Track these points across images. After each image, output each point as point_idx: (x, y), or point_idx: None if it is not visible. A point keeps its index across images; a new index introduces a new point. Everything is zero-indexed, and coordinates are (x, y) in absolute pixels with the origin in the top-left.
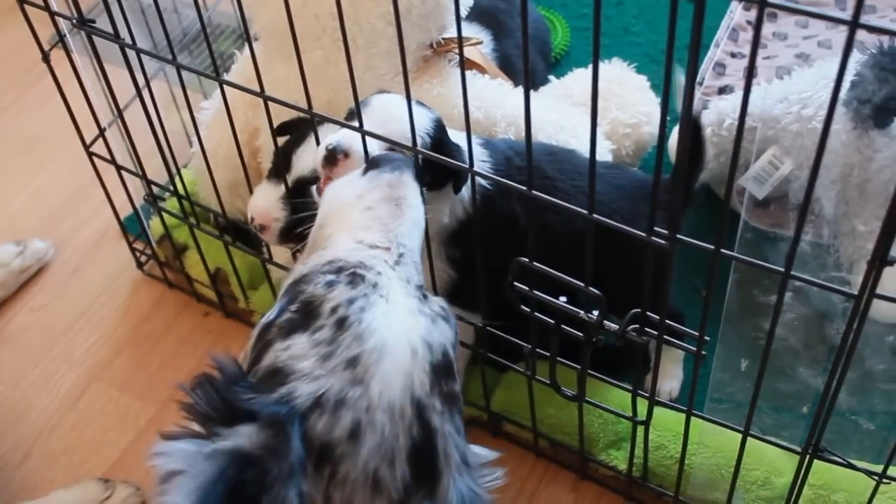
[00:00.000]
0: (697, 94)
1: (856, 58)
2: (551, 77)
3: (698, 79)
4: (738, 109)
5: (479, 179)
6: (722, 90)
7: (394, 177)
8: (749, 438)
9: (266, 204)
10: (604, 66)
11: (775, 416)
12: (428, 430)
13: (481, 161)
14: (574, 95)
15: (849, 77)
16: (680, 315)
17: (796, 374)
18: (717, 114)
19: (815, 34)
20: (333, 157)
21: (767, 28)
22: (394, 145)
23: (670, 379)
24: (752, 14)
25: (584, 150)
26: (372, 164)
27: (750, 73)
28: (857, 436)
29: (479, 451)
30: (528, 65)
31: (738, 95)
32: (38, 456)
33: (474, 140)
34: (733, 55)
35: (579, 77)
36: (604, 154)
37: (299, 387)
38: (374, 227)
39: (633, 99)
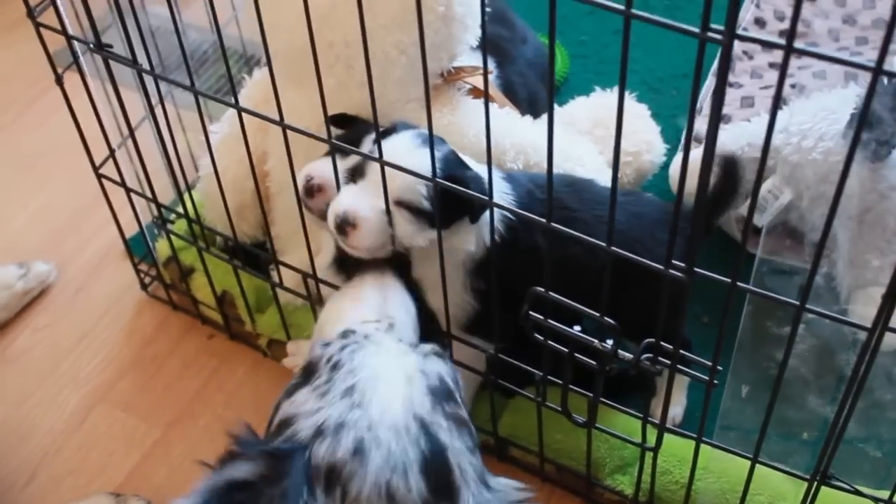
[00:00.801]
0: (697, 123)
1: (855, 91)
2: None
3: (696, 107)
4: (737, 139)
5: (503, 212)
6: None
7: (376, 273)
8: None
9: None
10: (604, 95)
11: (783, 443)
12: (437, 444)
13: (504, 194)
14: (577, 123)
15: (849, 109)
16: (688, 343)
17: (805, 403)
18: (717, 143)
19: (808, 65)
20: (343, 228)
21: (763, 58)
22: (412, 174)
23: (674, 405)
24: (748, 45)
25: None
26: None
27: (775, 106)
28: (863, 463)
29: (506, 482)
30: (553, 103)
31: (735, 125)
32: (44, 477)
33: (497, 174)
34: (730, 85)
35: (581, 105)
36: (606, 182)
37: (301, 424)
38: (363, 308)
39: (634, 127)
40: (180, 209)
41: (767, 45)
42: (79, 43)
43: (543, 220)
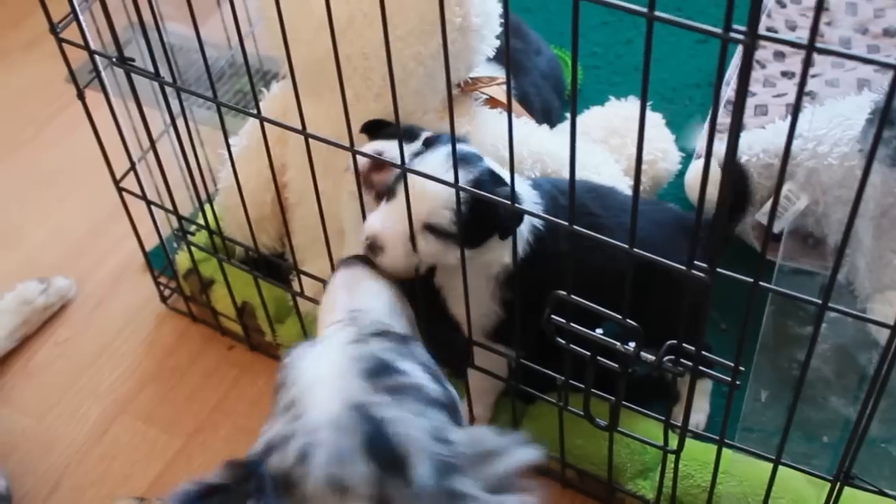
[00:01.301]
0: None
1: (869, 98)
2: (567, 115)
3: (710, 116)
4: (752, 146)
5: (533, 221)
6: None
7: (345, 271)
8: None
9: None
10: (619, 104)
11: (805, 445)
12: (374, 421)
13: (534, 203)
14: (591, 132)
15: (863, 115)
16: (708, 346)
17: (827, 404)
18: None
19: (821, 72)
20: (372, 249)
21: (776, 67)
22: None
23: (697, 412)
24: (760, 54)
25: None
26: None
27: (795, 113)
28: (886, 464)
29: (475, 433)
30: (576, 102)
31: (750, 132)
32: (66, 488)
33: (524, 182)
34: None
35: (596, 114)
36: (625, 191)
37: (259, 444)
38: (333, 314)
39: (650, 136)
40: (200, 221)
41: (789, 45)
42: (100, 58)
43: (566, 223)
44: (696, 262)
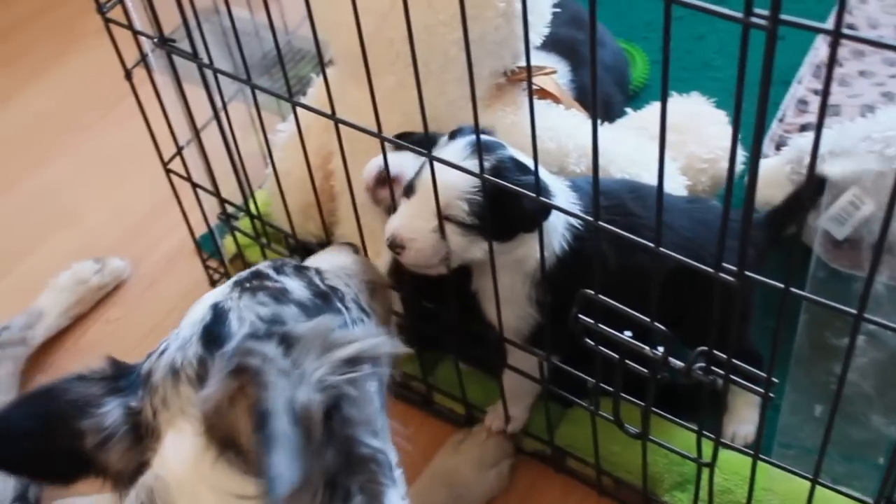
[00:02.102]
0: (779, 130)
1: None
2: (628, 109)
3: (779, 115)
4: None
5: (570, 220)
6: (804, 127)
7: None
8: (818, 487)
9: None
10: (681, 100)
11: (847, 464)
12: (217, 312)
13: (572, 204)
14: (650, 128)
15: None
16: (759, 357)
17: (869, 422)
18: (796, 151)
19: None
20: (393, 248)
21: (853, 66)
22: (463, 171)
23: (746, 423)
24: (838, 51)
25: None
26: None
27: (822, 109)
28: None
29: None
30: (596, 96)
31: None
32: None
33: (562, 182)
34: (816, 92)
35: (657, 110)
36: (679, 190)
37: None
38: None
39: (711, 133)
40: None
41: (813, 31)
42: (147, 40)
43: (591, 219)
44: (724, 264)
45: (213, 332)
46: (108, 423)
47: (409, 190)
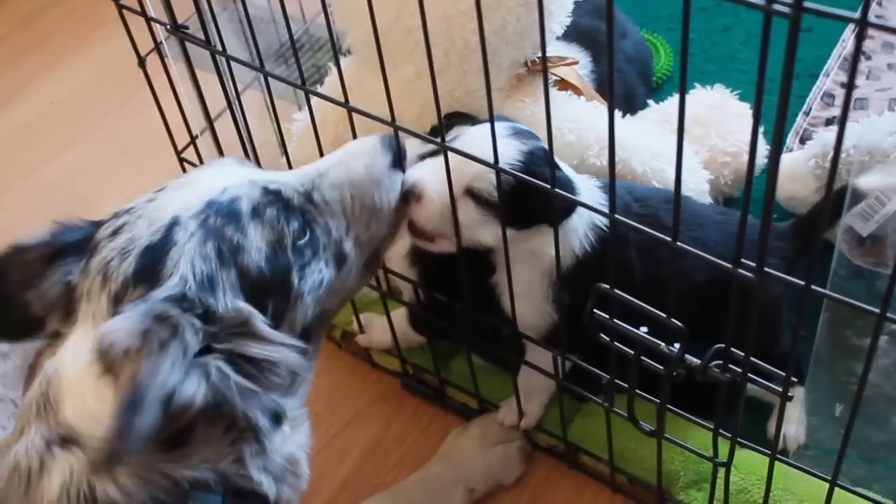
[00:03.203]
0: (805, 123)
1: None
2: (650, 102)
3: (805, 108)
4: (844, 141)
5: (596, 219)
6: (829, 121)
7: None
8: (837, 489)
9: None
10: (704, 92)
11: (867, 466)
12: (165, 238)
13: (601, 205)
14: (673, 121)
15: None
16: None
17: (889, 424)
18: (821, 145)
19: None
20: (408, 197)
21: (883, 59)
22: (478, 161)
23: (794, 423)
24: (866, 44)
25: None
26: None
27: (846, 103)
28: None
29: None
30: (613, 91)
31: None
32: None
33: (593, 182)
34: (843, 85)
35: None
36: (701, 183)
37: None
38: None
39: (735, 126)
40: None
41: (837, 19)
42: (161, 28)
43: (605, 213)
44: (742, 260)
45: (152, 263)
46: (50, 296)
47: (436, 152)
